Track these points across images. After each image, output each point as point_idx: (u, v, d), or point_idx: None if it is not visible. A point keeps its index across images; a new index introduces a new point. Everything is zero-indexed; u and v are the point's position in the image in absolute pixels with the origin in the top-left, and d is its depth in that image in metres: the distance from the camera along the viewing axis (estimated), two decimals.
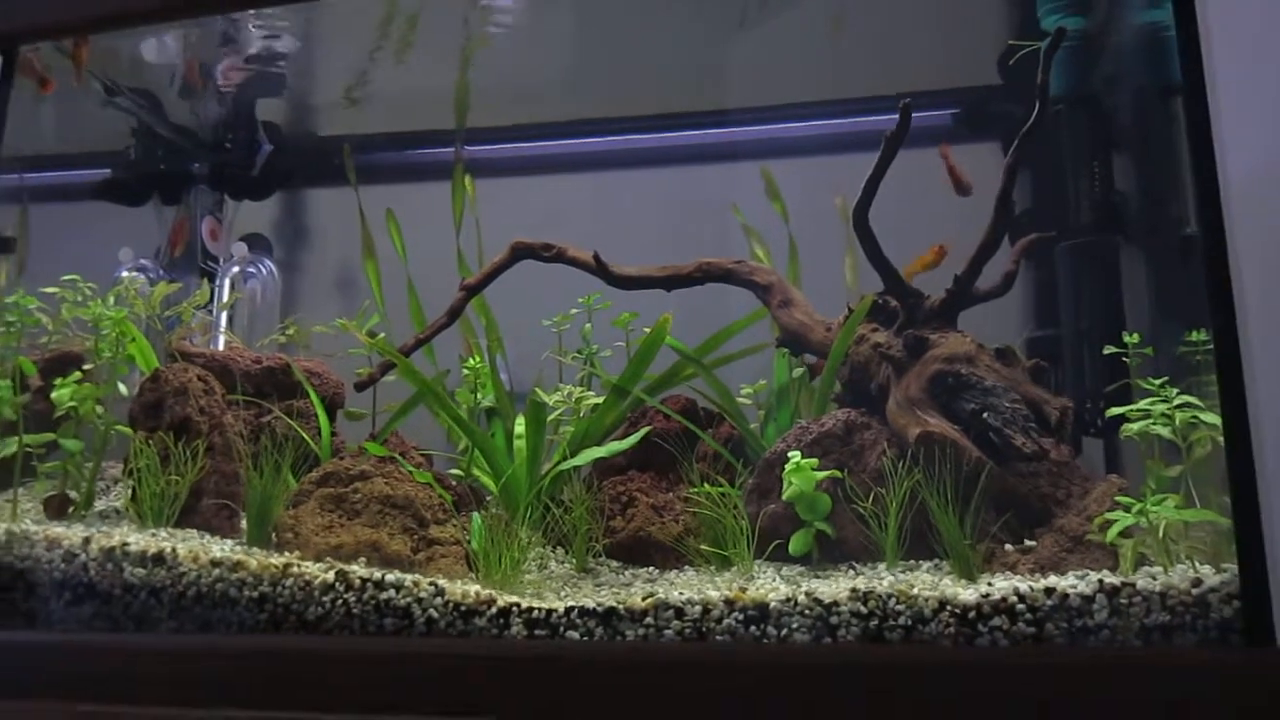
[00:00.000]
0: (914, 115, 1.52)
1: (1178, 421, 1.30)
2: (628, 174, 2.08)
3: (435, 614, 1.35)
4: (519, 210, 1.98)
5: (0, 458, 1.66)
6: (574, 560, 1.59)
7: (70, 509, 1.63)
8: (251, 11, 1.94)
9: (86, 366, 1.71)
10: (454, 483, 1.67)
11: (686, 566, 1.57)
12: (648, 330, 1.81)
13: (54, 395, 1.64)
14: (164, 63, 2.02)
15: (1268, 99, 1.55)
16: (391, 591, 1.36)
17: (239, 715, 1.26)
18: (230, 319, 1.99)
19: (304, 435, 1.68)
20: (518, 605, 1.34)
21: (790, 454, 1.48)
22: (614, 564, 1.62)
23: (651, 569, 1.59)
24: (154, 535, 1.51)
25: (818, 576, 1.42)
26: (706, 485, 1.50)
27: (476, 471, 1.75)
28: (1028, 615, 1.22)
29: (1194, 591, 1.19)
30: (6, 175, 1.67)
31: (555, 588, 1.48)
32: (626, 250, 1.81)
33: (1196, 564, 1.26)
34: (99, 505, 1.68)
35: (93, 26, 1.68)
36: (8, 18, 1.68)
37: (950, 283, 1.57)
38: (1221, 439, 1.22)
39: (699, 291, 1.81)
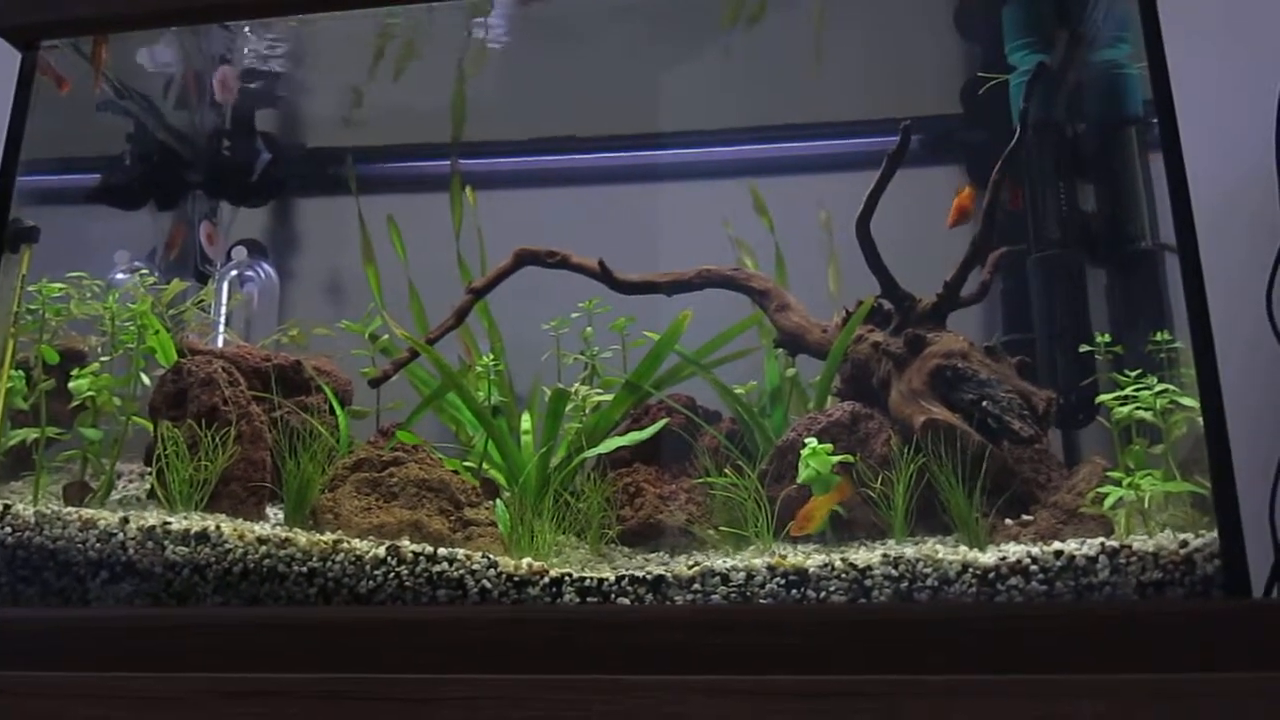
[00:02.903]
0: (877, 139, 1.69)
1: (1158, 406, 1.47)
2: (621, 189, 2.19)
3: (489, 585, 1.41)
4: (513, 223, 2.07)
5: (10, 445, 1.65)
6: (589, 546, 1.67)
7: (88, 496, 1.63)
8: (247, 25, 2.00)
9: (99, 361, 1.71)
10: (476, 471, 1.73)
11: (694, 551, 1.67)
12: (646, 334, 1.91)
13: (72, 385, 1.65)
14: (159, 70, 2.05)
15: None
16: (444, 564, 1.42)
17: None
18: (228, 320, 2.01)
19: (321, 429, 1.72)
20: (569, 575, 1.41)
21: (806, 440, 1.60)
22: (625, 550, 1.70)
23: (662, 554, 1.67)
24: (186, 518, 1.53)
25: (834, 552, 1.53)
26: (729, 472, 1.60)
27: (486, 466, 1.81)
28: (1040, 575, 1.36)
29: (1182, 551, 1.35)
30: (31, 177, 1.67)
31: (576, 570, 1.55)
32: (617, 261, 1.92)
33: (1174, 534, 1.42)
34: (114, 495, 1.68)
35: (117, 24, 1.71)
36: (29, 11, 1.70)
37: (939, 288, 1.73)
38: (1200, 420, 1.39)
39: (694, 298, 1.92)
